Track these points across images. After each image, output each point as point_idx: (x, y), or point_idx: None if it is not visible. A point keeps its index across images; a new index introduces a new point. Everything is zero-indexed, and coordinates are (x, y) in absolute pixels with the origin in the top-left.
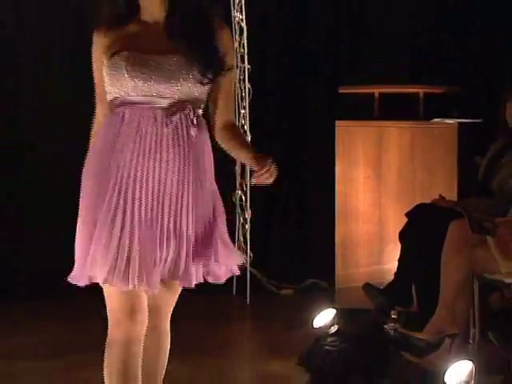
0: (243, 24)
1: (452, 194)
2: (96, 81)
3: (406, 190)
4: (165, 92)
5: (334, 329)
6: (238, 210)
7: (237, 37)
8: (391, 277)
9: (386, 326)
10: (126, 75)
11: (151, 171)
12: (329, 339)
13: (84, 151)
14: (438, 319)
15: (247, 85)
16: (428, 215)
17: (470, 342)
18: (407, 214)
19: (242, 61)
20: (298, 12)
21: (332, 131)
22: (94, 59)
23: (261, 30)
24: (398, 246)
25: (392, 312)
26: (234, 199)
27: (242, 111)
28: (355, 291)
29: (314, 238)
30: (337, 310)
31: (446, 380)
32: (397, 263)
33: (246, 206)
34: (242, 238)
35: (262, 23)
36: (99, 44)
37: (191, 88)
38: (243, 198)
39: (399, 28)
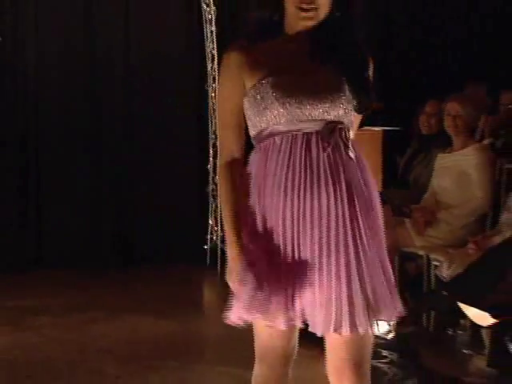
0: (214, 52)
1: (377, 186)
2: (229, 107)
3: None
4: (318, 114)
5: None
6: (211, 198)
7: (209, 62)
8: None
9: None
10: (275, 102)
11: (316, 204)
12: None
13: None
14: None
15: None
16: None
17: None
18: None
19: (214, 81)
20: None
21: None
22: (228, 82)
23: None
24: None
25: None
26: (207, 190)
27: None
28: None
29: None
30: None
31: None
32: None
33: (217, 195)
34: (213, 221)
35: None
36: (240, 63)
37: (343, 108)
38: (215, 190)
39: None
